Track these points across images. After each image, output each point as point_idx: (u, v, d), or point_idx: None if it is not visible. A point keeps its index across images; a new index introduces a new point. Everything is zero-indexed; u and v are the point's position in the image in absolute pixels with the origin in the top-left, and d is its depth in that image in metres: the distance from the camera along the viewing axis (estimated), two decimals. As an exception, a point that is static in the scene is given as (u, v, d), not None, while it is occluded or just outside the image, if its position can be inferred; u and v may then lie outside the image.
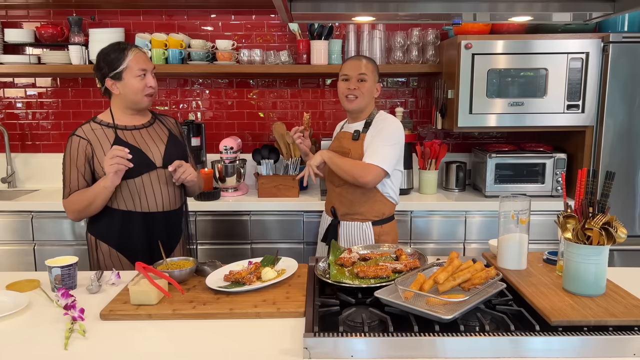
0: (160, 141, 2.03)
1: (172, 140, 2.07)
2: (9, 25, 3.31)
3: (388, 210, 2.24)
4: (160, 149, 2.01)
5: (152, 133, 2.04)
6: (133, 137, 1.99)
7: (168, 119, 2.15)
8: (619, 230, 1.39)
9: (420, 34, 3.21)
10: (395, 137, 2.15)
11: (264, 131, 3.51)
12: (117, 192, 1.94)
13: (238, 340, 1.33)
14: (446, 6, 1.67)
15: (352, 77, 2.16)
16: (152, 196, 1.98)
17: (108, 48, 1.98)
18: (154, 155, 1.99)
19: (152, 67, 1.98)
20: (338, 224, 2.25)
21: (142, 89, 1.94)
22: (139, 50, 1.97)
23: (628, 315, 1.30)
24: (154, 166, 1.98)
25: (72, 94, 3.45)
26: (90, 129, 1.97)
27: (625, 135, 2.87)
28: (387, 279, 1.53)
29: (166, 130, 2.09)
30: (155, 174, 1.99)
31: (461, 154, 3.47)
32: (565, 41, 2.85)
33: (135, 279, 1.60)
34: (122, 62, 1.92)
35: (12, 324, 1.44)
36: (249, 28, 3.39)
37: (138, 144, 1.97)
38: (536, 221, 2.86)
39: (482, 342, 1.24)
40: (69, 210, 1.96)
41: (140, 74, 1.93)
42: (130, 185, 1.95)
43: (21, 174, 3.48)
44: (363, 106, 2.20)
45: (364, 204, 2.19)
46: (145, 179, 1.96)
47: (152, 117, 2.09)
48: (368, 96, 2.19)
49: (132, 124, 2.01)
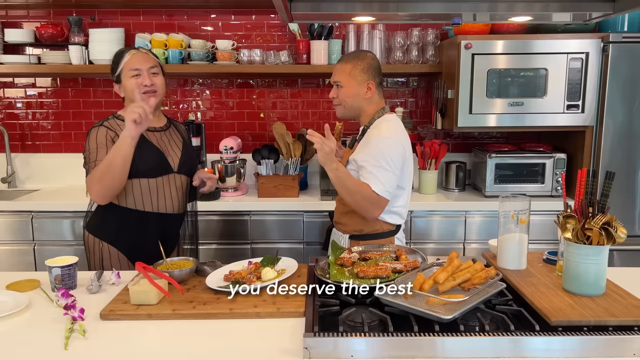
0: (177, 147, 2.08)
1: (186, 147, 2.12)
2: (9, 25, 3.30)
3: (368, 227, 2.03)
4: (178, 155, 2.06)
5: (169, 137, 2.07)
6: (155, 138, 2.02)
7: (180, 125, 2.20)
8: (619, 230, 1.39)
9: (420, 34, 3.21)
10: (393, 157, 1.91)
11: (264, 131, 3.51)
12: (131, 190, 1.95)
13: (238, 340, 1.33)
14: (446, 6, 1.67)
15: (332, 83, 2.02)
16: (162, 199, 2.01)
17: (115, 53, 2.03)
18: (173, 159, 2.03)
19: (148, 65, 1.96)
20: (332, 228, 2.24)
21: (136, 87, 1.94)
22: (137, 52, 1.98)
23: (628, 315, 1.30)
24: (172, 170, 2.02)
25: (72, 94, 3.45)
26: (115, 123, 1.98)
27: (625, 135, 2.87)
28: (387, 279, 1.53)
29: (180, 136, 2.13)
30: (173, 177, 2.03)
31: (461, 154, 3.47)
32: (565, 41, 2.85)
33: (135, 279, 1.60)
34: (118, 66, 1.96)
35: (12, 324, 1.44)
36: (249, 28, 3.39)
37: (159, 146, 2.01)
38: (536, 221, 2.86)
39: (482, 342, 1.24)
40: (92, 182, 1.85)
41: (134, 74, 1.94)
42: (144, 185, 1.96)
43: (21, 174, 3.48)
44: (347, 114, 2.04)
45: (344, 215, 2.08)
46: (160, 182, 1.99)
47: (168, 121, 2.12)
48: (350, 101, 1.99)
49: (151, 125, 2.00)
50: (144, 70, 1.95)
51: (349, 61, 1.99)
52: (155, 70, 2.00)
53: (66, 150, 3.49)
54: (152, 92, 1.97)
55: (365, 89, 1.98)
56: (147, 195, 1.97)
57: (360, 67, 1.97)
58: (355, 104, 2.01)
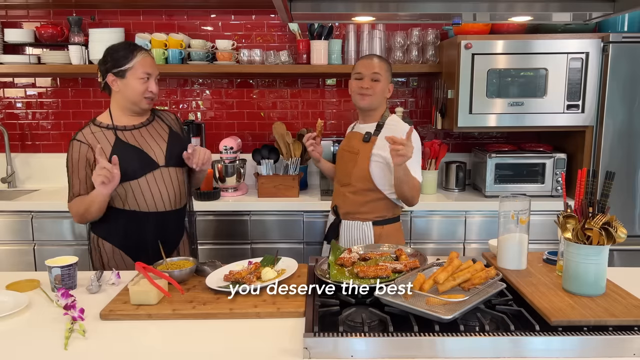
0: (161, 139, 2.03)
1: (173, 137, 2.06)
2: (9, 25, 3.31)
3: (391, 211, 2.22)
4: (162, 147, 2.01)
5: (152, 131, 2.03)
6: (133, 137, 1.98)
7: (168, 115, 2.14)
8: (619, 230, 1.39)
9: (420, 34, 3.21)
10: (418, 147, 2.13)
11: (264, 131, 3.51)
12: (121, 194, 1.94)
13: (238, 340, 1.33)
14: (446, 6, 1.67)
15: (365, 75, 2.14)
16: (158, 195, 1.97)
17: (119, 45, 2.00)
18: (156, 154, 1.98)
19: (156, 73, 1.98)
20: (340, 223, 2.25)
21: (143, 92, 1.94)
22: (148, 55, 1.98)
23: (628, 315, 1.30)
24: (157, 165, 1.97)
25: (72, 94, 3.45)
26: (90, 132, 1.97)
27: (625, 135, 2.87)
28: (387, 279, 1.53)
29: (166, 127, 2.08)
30: (159, 172, 1.98)
31: (461, 154, 3.47)
32: (565, 41, 2.85)
33: (135, 279, 1.60)
34: (128, 62, 1.92)
35: (12, 324, 1.44)
36: (249, 28, 3.39)
37: (139, 144, 1.97)
38: (536, 221, 2.86)
39: (482, 342, 1.24)
40: (72, 213, 1.97)
41: (144, 77, 1.93)
42: (134, 187, 1.94)
43: (21, 174, 3.48)
44: (375, 105, 2.18)
45: (365, 204, 2.19)
46: (149, 178, 1.96)
47: (151, 114, 2.08)
48: (380, 96, 2.17)
49: (131, 123, 2.00)
50: (153, 77, 1.96)
51: (384, 62, 2.20)
52: (159, 77, 2.01)
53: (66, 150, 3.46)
54: (154, 99, 1.99)
55: (388, 89, 2.22)
56: (140, 196, 1.95)
57: (390, 69, 2.22)
58: (380, 99, 2.20)
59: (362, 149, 2.18)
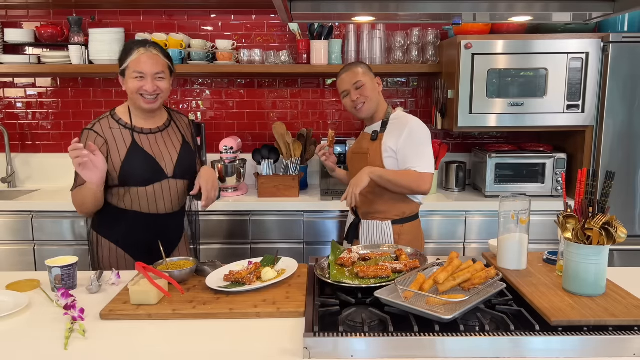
0: (174, 149, 2.00)
1: (184, 149, 2.03)
2: (9, 25, 3.31)
3: (410, 209, 2.23)
4: (173, 158, 1.98)
5: (167, 139, 2.00)
6: (149, 143, 1.95)
7: (182, 119, 2.11)
8: (619, 230, 1.39)
9: (420, 34, 3.21)
10: (426, 136, 2.16)
11: (264, 131, 3.51)
12: (126, 196, 1.93)
13: (238, 340, 1.33)
14: (446, 6, 1.67)
15: (350, 89, 2.17)
16: (161, 202, 1.97)
17: (126, 44, 1.98)
18: (166, 164, 1.96)
19: (154, 71, 1.86)
20: (359, 222, 2.26)
21: (137, 91, 1.88)
22: (146, 52, 1.87)
23: (628, 315, 1.30)
24: (165, 176, 1.96)
25: (72, 94, 3.45)
26: (108, 126, 1.93)
27: (625, 135, 2.87)
28: (387, 279, 1.53)
29: (180, 136, 2.04)
30: (167, 183, 1.97)
31: (461, 154, 3.47)
32: (565, 41, 2.85)
33: (135, 279, 1.60)
34: (125, 61, 1.88)
35: (12, 324, 1.44)
36: (249, 28, 3.39)
37: (152, 152, 1.94)
38: (536, 221, 2.86)
39: (482, 342, 1.24)
40: (73, 203, 1.96)
41: (137, 76, 1.86)
42: (140, 193, 1.94)
43: (21, 174, 3.48)
44: (373, 108, 2.20)
45: (384, 203, 2.19)
46: (156, 187, 1.95)
47: (168, 118, 2.04)
48: (373, 97, 2.19)
49: (148, 126, 1.97)
50: (149, 76, 1.86)
51: (357, 66, 2.21)
52: (162, 75, 1.89)
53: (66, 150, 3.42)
54: (152, 99, 1.89)
55: (377, 83, 2.23)
56: (144, 200, 1.95)
57: (367, 68, 2.23)
58: (375, 97, 2.21)
59: (371, 147, 2.20)
